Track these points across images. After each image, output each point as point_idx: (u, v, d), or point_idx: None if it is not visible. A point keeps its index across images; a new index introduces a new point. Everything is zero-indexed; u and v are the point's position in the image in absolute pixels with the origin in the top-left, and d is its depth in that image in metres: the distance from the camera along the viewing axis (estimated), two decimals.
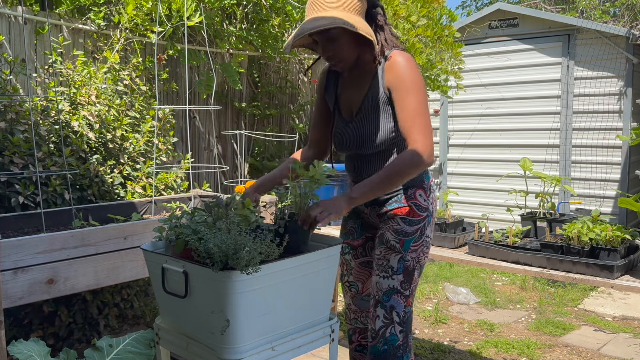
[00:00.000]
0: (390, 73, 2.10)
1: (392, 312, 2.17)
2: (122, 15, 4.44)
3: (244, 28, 5.54)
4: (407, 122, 2.06)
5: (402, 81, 2.07)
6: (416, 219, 2.20)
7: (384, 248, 2.21)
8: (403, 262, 2.17)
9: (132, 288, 3.81)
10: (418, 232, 2.20)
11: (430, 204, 2.25)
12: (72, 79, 3.91)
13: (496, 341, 4.03)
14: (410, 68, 2.08)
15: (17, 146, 3.30)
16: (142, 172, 3.86)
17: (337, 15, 2.01)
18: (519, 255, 3.03)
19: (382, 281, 2.19)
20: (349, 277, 2.44)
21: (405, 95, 2.07)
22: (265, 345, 1.87)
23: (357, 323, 2.45)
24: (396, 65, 2.09)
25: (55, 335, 3.43)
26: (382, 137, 2.16)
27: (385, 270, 2.19)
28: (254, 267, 1.73)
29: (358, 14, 2.07)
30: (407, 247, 2.18)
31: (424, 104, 2.09)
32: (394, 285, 2.17)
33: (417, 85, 2.07)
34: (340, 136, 2.30)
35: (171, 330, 2.04)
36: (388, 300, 2.17)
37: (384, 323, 2.17)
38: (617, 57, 5.92)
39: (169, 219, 2.02)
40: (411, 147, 2.04)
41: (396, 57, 2.10)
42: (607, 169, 6.08)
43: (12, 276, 2.41)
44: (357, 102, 2.23)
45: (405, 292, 2.18)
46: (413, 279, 2.20)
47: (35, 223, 3.05)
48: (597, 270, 2.74)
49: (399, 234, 2.19)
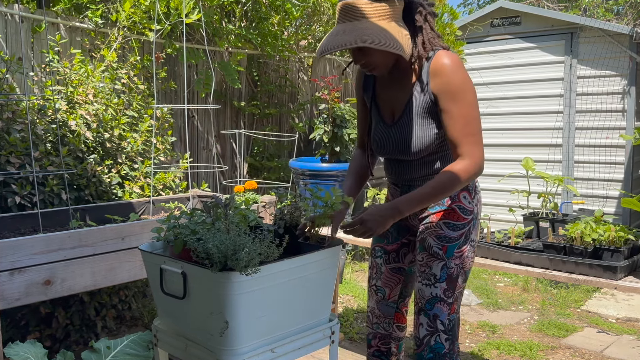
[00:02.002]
0: (437, 78, 1.99)
1: (435, 320, 2.11)
2: (120, 13, 4.41)
3: (243, 26, 5.52)
4: (455, 131, 1.98)
5: (449, 86, 1.97)
6: (460, 223, 2.12)
7: (426, 254, 2.14)
8: (446, 270, 2.10)
9: (130, 289, 3.80)
10: (462, 237, 2.12)
11: (475, 206, 2.17)
12: (69, 77, 3.89)
13: (498, 343, 4.00)
14: (458, 69, 1.98)
15: (13, 146, 3.29)
16: (140, 172, 3.84)
17: (365, 25, 1.92)
18: (521, 256, 3.01)
19: (425, 289, 2.13)
20: (377, 281, 2.38)
21: (452, 102, 1.97)
22: (264, 347, 1.86)
23: (379, 328, 2.39)
24: (442, 69, 1.98)
25: (52, 337, 3.42)
26: (425, 144, 2.08)
27: (427, 278, 2.13)
28: (253, 268, 1.72)
29: (389, 19, 1.96)
30: (450, 254, 2.10)
31: (474, 110, 1.99)
32: (437, 294, 2.11)
33: (465, 90, 1.97)
34: (381, 140, 2.20)
35: (169, 332, 2.04)
36: (431, 309, 2.12)
37: (428, 331, 2.13)
38: (620, 56, 5.89)
39: (167, 219, 2.01)
40: (461, 160, 1.98)
41: (441, 59, 1.99)
42: (610, 169, 6.05)
43: (9, 277, 2.40)
44: (398, 106, 2.13)
45: (448, 300, 2.11)
46: (457, 286, 2.12)
47: (32, 223, 3.03)
48: (600, 271, 2.71)
49: (442, 239, 2.11)
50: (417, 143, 2.07)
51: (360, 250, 6.14)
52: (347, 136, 4.17)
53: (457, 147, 1.98)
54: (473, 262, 2.19)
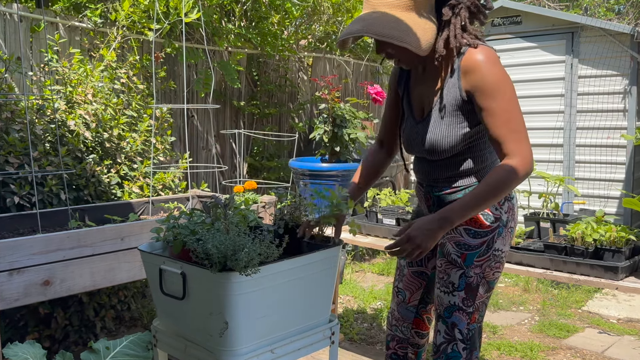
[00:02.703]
0: (470, 75, 1.89)
1: (453, 329, 2.03)
2: (119, 13, 4.41)
3: (242, 26, 5.51)
4: (498, 129, 1.86)
5: (485, 83, 1.87)
6: (483, 231, 1.99)
7: (445, 261, 2.05)
8: (465, 279, 2.00)
9: (129, 290, 3.79)
10: (484, 246, 1.99)
11: (505, 213, 2.02)
12: (68, 77, 3.88)
13: (499, 343, 3.98)
14: (492, 65, 1.87)
15: (12, 145, 3.28)
16: (140, 172, 3.83)
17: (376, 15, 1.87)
18: (522, 256, 2.99)
19: (443, 296, 2.06)
20: (400, 283, 2.34)
21: (490, 100, 1.86)
22: (264, 347, 1.86)
23: (397, 331, 2.35)
24: (476, 65, 1.88)
25: (51, 337, 3.42)
26: (452, 144, 1.98)
27: (445, 285, 2.05)
28: (253, 268, 1.71)
29: (410, 10, 1.87)
30: (470, 263, 2.00)
31: (515, 105, 1.88)
32: (455, 302, 2.02)
33: (503, 85, 1.86)
34: (409, 137, 2.13)
35: (169, 333, 2.03)
36: (449, 317, 2.04)
37: (445, 339, 2.05)
38: (621, 55, 5.87)
39: (166, 219, 2.00)
40: (508, 159, 1.85)
41: (474, 55, 1.89)
42: (611, 169, 6.03)
43: (8, 277, 2.39)
44: (428, 101, 2.04)
45: (468, 309, 2.02)
46: (477, 296, 2.02)
47: (31, 223, 3.02)
48: (602, 271, 2.70)
49: (461, 247, 2.01)
50: (442, 142, 1.98)
51: (360, 251, 6.13)
52: (347, 136, 4.16)
53: (502, 145, 1.86)
54: (499, 273, 2.06)
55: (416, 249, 1.86)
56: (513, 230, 2.08)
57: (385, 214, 3.57)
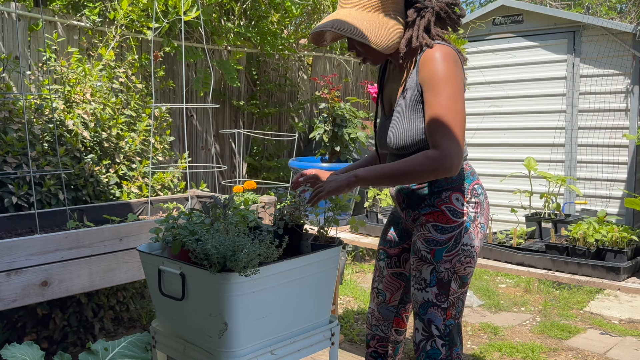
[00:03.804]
0: (423, 69, 1.96)
1: (430, 325, 2.07)
2: (118, 12, 4.38)
3: (242, 24, 5.50)
4: (431, 122, 1.91)
5: (431, 77, 1.93)
6: (449, 226, 2.04)
7: (416, 258, 2.09)
8: (436, 274, 2.04)
9: (128, 290, 3.79)
10: (452, 241, 2.03)
11: (472, 209, 2.07)
12: (66, 76, 3.86)
13: (500, 345, 3.97)
14: (444, 62, 1.92)
15: (10, 145, 3.27)
16: (138, 171, 3.82)
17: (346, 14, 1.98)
18: (523, 256, 2.98)
19: (417, 293, 2.09)
20: (379, 284, 2.38)
21: (432, 93, 1.92)
22: (264, 348, 1.86)
23: (377, 330, 2.39)
24: (429, 60, 1.95)
25: (50, 338, 3.42)
26: (415, 137, 2.03)
27: (418, 282, 2.08)
28: (253, 269, 1.72)
29: (377, 11, 1.99)
30: (439, 258, 2.03)
31: (453, 103, 1.90)
32: (429, 298, 2.06)
33: (447, 82, 1.91)
34: (379, 133, 2.21)
35: (168, 334, 2.04)
36: (425, 314, 2.08)
37: (424, 336, 2.09)
38: (623, 55, 5.85)
39: (165, 219, 2.01)
40: (431, 150, 1.90)
41: (431, 51, 1.96)
42: (613, 169, 6.01)
43: (5, 278, 2.38)
44: (395, 98, 2.14)
45: (442, 305, 2.05)
46: (450, 291, 2.05)
47: (29, 224, 3.02)
48: (604, 272, 2.69)
49: (429, 243, 2.05)
50: (404, 136, 2.04)
51: (360, 251, 6.11)
52: (347, 136, 4.13)
53: (430, 138, 1.92)
54: (470, 267, 2.08)
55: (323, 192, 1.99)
56: (484, 226, 2.12)
57: (386, 214, 3.55)
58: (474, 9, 15.48)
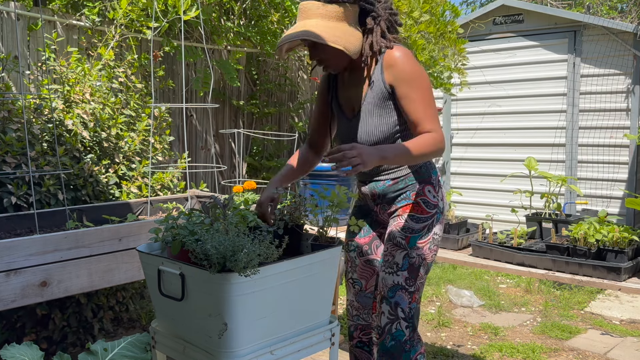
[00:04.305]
0: (391, 69, 2.16)
1: (396, 308, 2.20)
2: (117, 11, 4.37)
3: (242, 24, 5.48)
4: (418, 113, 2.11)
5: (404, 74, 2.14)
6: (424, 216, 2.24)
7: (391, 244, 2.25)
8: (408, 259, 2.21)
9: (127, 291, 3.78)
10: (425, 229, 2.23)
11: (440, 200, 2.29)
12: (65, 76, 3.85)
13: (500, 345, 3.96)
14: (409, 59, 2.15)
15: (9, 145, 3.26)
16: (138, 171, 3.81)
17: (314, 24, 2.10)
18: (523, 257, 2.98)
19: (387, 277, 2.23)
20: (353, 274, 2.47)
21: (409, 88, 2.13)
22: (263, 349, 1.86)
23: (359, 320, 2.48)
24: (395, 60, 2.15)
25: (49, 339, 3.41)
26: (386, 132, 2.22)
27: (390, 266, 2.23)
28: (252, 269, 1.71)
29: (341, 20, 2.14)
30: (413, 244, 2.21)
31: (430, 94, 2.15)
32: (399, 282, 2.21)
33: (420, 77, 2.14)
34: (343, 135, 2.36)
35: (168, 334, 2.03)
36: (393, 297, 2.21)
37: (389, 319, 2.21)
38: (624, 54, 5.85)
39: (165, 219, 2.01)
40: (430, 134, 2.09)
41: (393, 53, 2.16)
42: (614, 169, 6.01)
43: (5, 278, 2.37)
44: (357, 101, 2.29)
45: (410, 289, 2.21)
46: (419, 276, 2.23)
47: (28, 224, 3.01)
48: (604, 272, 2.69)
49: (405, 230, 2.22)
50: (376, 131, 2.22)
51: None
52: None
53: (421, 125, 2.10)
54: (435, 255, 2.30)
55: (357, 157, 1.90)
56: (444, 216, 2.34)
57: None
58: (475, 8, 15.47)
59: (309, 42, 2.20)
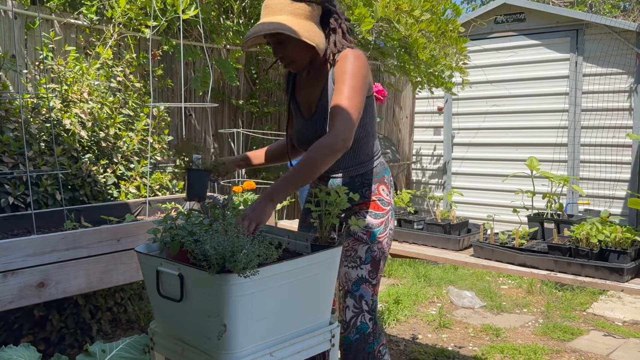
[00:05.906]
0: (338, 65, 2.22)
1: (361, 301, 2.29)
2: (115, 10, 4.35)
3: (241, 23, 5.46)
4: (334, 107, 2.11)
5: (341, 70, 2.18)
6: (381, 213, 2.37)
7: (352, 240, 2.34)
8: (370, 253, 2.32)
9: (125, 292, 3.78)
10: (383, 225, 2.36)
11: (392, 199, 2.45)
12: (63, 75, 3.83)
13: (502, 346, 3.94)
14: (354, 59, 2.18)
15: (6, 145, 3.25)
16: (136, 171, 3.79)
17: (285, 20, 2.14)
18: (525, 257, 2.97)
19: (351, 271, 2.32)
20: None
21: (340, 82, 2.16)
22: (263, 350, 1.85)
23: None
24: (344, 57, 2.20)
25: (47, 340, 3.40)
26: None
27: (353, 260, 2.32)
28: (252, 270, 1.69)
29: (308, 19, 2.20)
30: (373, 239, 2.32)
31: (356, 96, 2.13)
32: (363, 275, 2.30)
33: (354, 76, 2.15)
34: (299, 133, 2.44)
35: (166, 335, 2.02)
36: (357, 290, 2.30)
37: (354, 313, 2.29)
38: (627, 53, 5.83)
39: (163, 220, 2.00)
40: (326, 135, 2.10)
41: (347, 51, 2.22)
42: (616, 169, 6.00)
43: (2, 279, 2.35)
44: (314, 101, 2.35)
45: (372, 281, 2.32)
46: (379, 269, 2.35)
47: (26, 224, 2.98)
48: (607, 273, 2.68)
49: (366, 226, 2.33)
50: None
51: None
52: None
53: (332, 121, 2.11)
54: (390, 248, 2.44)
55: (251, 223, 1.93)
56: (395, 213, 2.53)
57: None
58: (476, 7, 15.46)
59: (275, 38, 2.22)
